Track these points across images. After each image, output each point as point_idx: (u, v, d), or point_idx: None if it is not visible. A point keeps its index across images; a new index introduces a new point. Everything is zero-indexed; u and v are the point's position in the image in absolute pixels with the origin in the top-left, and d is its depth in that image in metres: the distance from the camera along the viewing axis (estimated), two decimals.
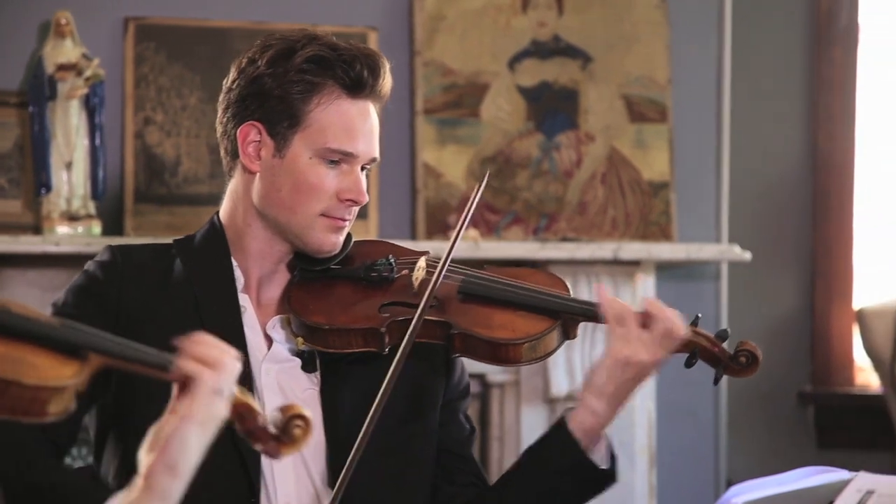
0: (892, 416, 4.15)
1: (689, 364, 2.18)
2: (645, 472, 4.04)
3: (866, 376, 4.43)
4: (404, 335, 2.06)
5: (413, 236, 4.00)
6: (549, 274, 2.28)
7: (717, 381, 2.18)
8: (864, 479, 1.75)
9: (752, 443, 4.35)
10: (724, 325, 4.25)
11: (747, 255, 4.08)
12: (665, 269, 4.17)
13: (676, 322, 2.12)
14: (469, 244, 3.85)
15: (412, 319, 2.07)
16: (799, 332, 4.45)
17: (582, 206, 4.09)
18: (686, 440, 4.16)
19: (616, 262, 4.00)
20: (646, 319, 2.12)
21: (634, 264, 4.03)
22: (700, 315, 2.20)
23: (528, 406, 3.99)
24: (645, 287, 4.06)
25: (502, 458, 3.98)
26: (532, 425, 3.97)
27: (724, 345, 2.18)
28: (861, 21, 4.45)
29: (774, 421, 4.41)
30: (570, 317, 2.17)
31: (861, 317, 4.24)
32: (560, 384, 3.95)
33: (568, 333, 2.18)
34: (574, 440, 2.10)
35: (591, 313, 2.15)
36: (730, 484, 3.98)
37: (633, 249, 3.99)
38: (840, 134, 4.44)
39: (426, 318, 2.09)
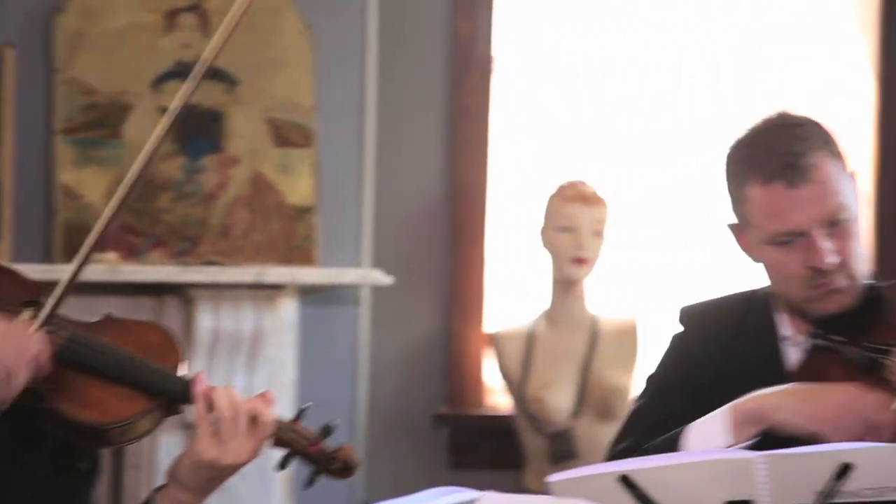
0: (521, 436, 4.30)
1: (282, 465, 2.08)
2: (281, 498, 4.06)
3: (497, 398, 4.59)
4: None
5: (49, 259, 3.90)
6: (166, 334, 2.10)
7: (308, 485, 2.08)
8: (489, 499, 1.82)
9: (389, 464, 4.43)
10: (365, 348, 4.31)
11: (388, 280, 4.16)
12: (308, 294, 4.21)
13: (268, 420, 2.03)
14: (108, 268, 3.78)
15: None
16: (436, 355, 4.56)
17: (225, 229, 4.09)
18: None
19: (259, 286, 4.01)
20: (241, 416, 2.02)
21: (277, 288, 4.05)
22: (308, 405, 2.11)
23: (164, 433, 3.94)
24: (288, 311, 4.09)
25: (138, 486, 3.92)
26: (169, 452, 3.92)
27: (328, 440, 2.08)
28: (495, 51, 4.62)
29: (411, 442, 4.50)
30: (171, 400, 2.04)
31: (494, 340, 4.38)
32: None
33: (170, 412, 2.06)
34: None
35: (192, 399, 2.03)
36: None
37: (276, 273, 4.01)
38: (475, 160, 4.59)
39: None
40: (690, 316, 2.38)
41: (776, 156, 2.22)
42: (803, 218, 2.21)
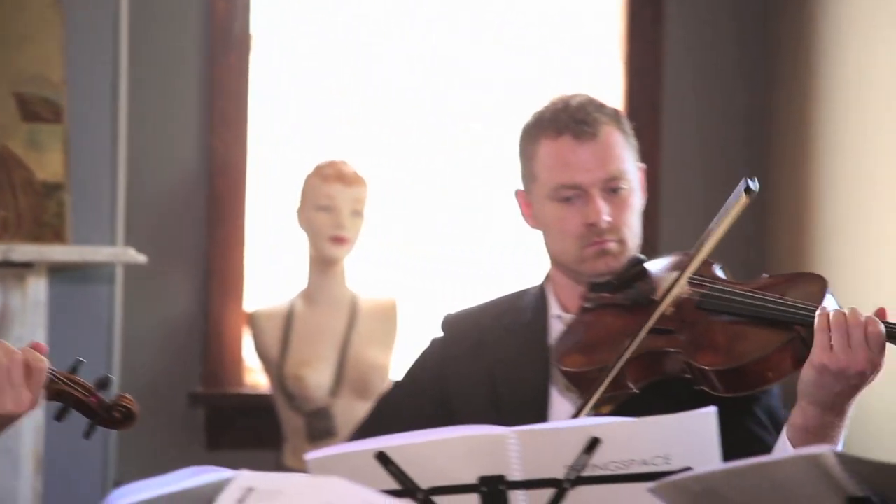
0: (279, 415, 4.29)
1: (59, 417, 2.08)
2: (30, 477, 3.96)
3: (255, 377, 4.56)
4: None
5: None
6: None
7: (88, 434, 2.10)
8: (244, 477, 1.80)
9: (144, 444, 4.36)
10: (119, 327, 4.24)
11: (142, 258, 4.09)
12: (59, 272, 4.10)
13: (42, 366, 2.01)
14: None
15: None
16: (193, 334, 4.51)
17: None
18: (76, 443, 4.09)
19: (6, 265, 3.90)
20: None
21: (26, 266, 3.94)
22: (83, 360, 2.10)
23: None
24: (36, 290, 3.98)
25: None
26: None
27: (105, 393, 2.09)
28: (253, 30, 4.59)
29: (166, 422, 4.45)
30: None
31: (253, 319, 4.36)
32: None
33: None
34: None
35: None
36: (118, 486, 3.97)
37: (24, 251, 3.91)
38: (234, 139, 4.56)
39: None
40: (450, 322, 2.54)
41: (569, 113, 2.42)
42: (585, 173, 2.39)
